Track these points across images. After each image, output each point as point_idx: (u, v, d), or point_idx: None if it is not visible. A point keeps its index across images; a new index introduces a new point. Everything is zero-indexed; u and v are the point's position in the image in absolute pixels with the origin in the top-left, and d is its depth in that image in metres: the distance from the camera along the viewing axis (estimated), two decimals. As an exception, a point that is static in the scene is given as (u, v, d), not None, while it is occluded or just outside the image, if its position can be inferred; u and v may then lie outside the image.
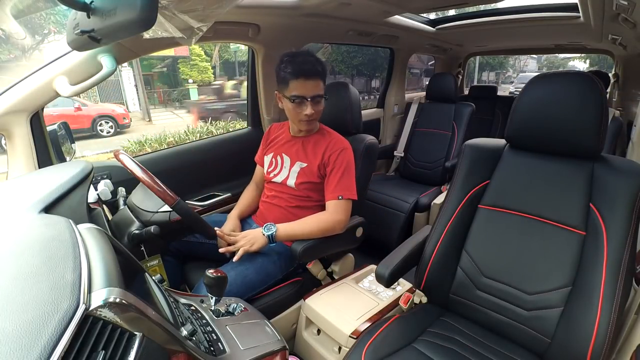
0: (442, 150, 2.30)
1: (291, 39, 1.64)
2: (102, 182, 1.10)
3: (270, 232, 1.11)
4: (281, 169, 1.26)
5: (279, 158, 1.28)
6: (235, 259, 1.07)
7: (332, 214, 1.15)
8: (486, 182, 1.00)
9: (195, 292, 1.05)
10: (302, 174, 1.21)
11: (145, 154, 1.59)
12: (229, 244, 1.13)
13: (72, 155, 1.17)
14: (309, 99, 1.10)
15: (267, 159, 1.32)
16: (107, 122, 8.76)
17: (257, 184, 1.41)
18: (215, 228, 1.10)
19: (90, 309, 0.40)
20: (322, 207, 1.19)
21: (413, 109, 2.55)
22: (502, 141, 1.03)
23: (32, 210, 0.64)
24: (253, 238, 1.11)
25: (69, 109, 8.02)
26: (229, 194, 1.59)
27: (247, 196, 1.40)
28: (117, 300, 0.42)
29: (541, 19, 1.86)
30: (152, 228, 0.93)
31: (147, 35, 0.86)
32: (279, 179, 1.26)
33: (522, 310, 0.89)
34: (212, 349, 0.63)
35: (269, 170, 1.30)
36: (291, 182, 1.22)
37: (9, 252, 0.48)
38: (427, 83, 2.55)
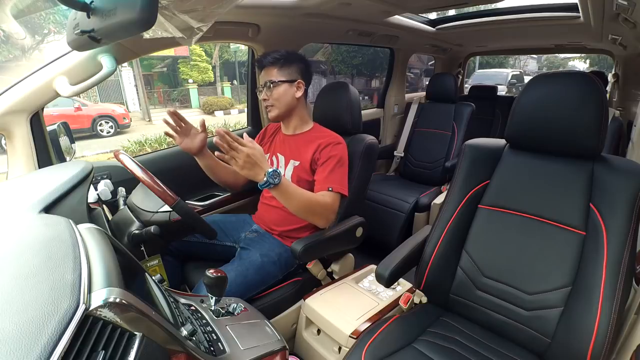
0: (442, 150, 2.30)
1: (291, 39, 1.64)
2: (102, 182, 1.10)
3: (273, 181, 0.92)
4: (277, 168, 1.26)
5: (274, 158, 1.28)
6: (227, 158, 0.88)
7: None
8: (486, 182, 1.00)
9: (195, 292, 1.05)
10: (296, 172, 1.21)
11: (145, 154, 1.59)
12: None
13: (72, 155, 1.17)
14: (261, 86, 1.21)
15: None
16: (107, 122, 8.77)
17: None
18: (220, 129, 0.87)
19: (90, 309, 0.40)
20: None
21: (413, 109, 2.55)
22: (502, 141, 1.03)
23: (32, 210, 0.64)
24: (253, 165, 0.89)
25: (69, 109, 8.02)
26: (228, 194, 1.59)
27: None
28: (117, 300, 0.42)
29: (541, 19, 1.86)
30: (152, 228, 0.93)
31: (147, 35, 0.85)
32: None
33: (522, 310, 0.89)
34: (212, 349, 0.63)
35: None
36: None
37: (9, 252, 0.48)
38: (427, 83, 2.56)
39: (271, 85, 1.17)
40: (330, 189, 1.11)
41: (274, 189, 0.94)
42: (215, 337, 0.67)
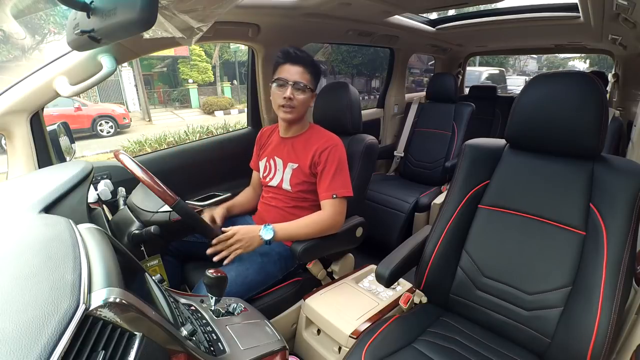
0: (442, 150, 2.30)
1: (291, 39, 1.64)
2: (102, 182, 1.10)
3: (268, 237, 1.07)
4: (275, 172, 1.26)
5: (272, 161, 1.28)
6: (226, 262, 1.04)
7: (328, 214, 1.14)
8: (486, 182, 1.00)
9: (195, 292, 1.05)
10: (295, 175, 1.21)
11: (145, 154, 1.59)
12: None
13: (72, 155, 1.17)
14: (291, 83, 1.13)
15: (261, 164, 1.33)
16: (107, 122, 8.78)
17: (255, 187, 1.42)
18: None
19: (90, 309, 0.39)
20: (320, 207, 1.18)
21: (413, 109, 2.55)
22: (502, 141, 1.03)
23: (32, 210, 0.64)
24: (249, 240, 1.07)
25: (69, 109, 8.03)
26: (229, 194, 1.59)
27: (244, 195, 1.40)
28: (117, 300, 0.42)
29: (541, 19, 1.86)
30: (152, 228, 0.93)
31: (147, 35, 0.86)
32: (274, 182, 1.26)
33: (522, 310, 0.89)
34: (212, 349, 0.63)
35: (264, 174, 1.30)
36: (286, 185, 1.22)
37: (9, 252, 0.48)
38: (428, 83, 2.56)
39: (301, 88, 1.14)
40: (334, 195, 1.13)
41: (275, 239, 1.08)
42: (215, 337, 0.67)
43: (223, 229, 1.09)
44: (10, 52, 8.56)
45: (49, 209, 0.67)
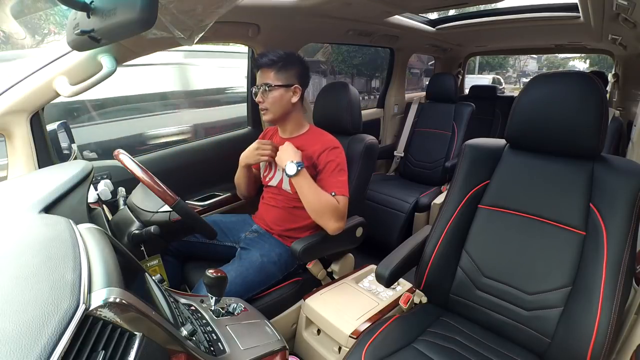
0: (442, 150, 2.30)
1: (291, 39, 1.64)
2: (102, 182, 1.10)
3: (291, 172, 1.08)
4: (275, 171, 1.27)
5: (272, 162, 1.28)
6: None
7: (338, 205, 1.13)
8: (486, 182, 1.00)
9: (195, 292, 1.05)
10: None
11: (145, 154, 1.59)
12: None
13: (73, 155, 1.17)
14: (258, 88, 1.17)
15: (262, 164, 1.33)
16: (107, 122, 8.76)
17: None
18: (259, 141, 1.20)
19: (90, 309, 0.40)
20: None
21: (413, 109, 2.55)
22: (502, 141, 1.03)
23: (32, 210, 0.64)
24: (283, 159, 1.12)
25: (69, 109, 8.01)
26: (229, 194, 1.59)
27: None
28: (117, 300, 0.42)
29: (541, 19, 1.86)
30: (152, 228, 0.93)
31: (147, 35, 0.85)
32: (274, 182, 1.26)
33: (522, 310, 0.89)
34: (212, 349, 0.63)
35: (265, 174, 1.31)
36: (285, 185, 1.23)
37: (9, 252, 0.48)
38: (427, 83, 2.56)
39: (267, 88, 1.15)
40: (333, 193, 1.12)
41: (296, 175, 1.08)
42: (215, 337, 0.67)
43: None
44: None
45: (49, 209, 0.67)
